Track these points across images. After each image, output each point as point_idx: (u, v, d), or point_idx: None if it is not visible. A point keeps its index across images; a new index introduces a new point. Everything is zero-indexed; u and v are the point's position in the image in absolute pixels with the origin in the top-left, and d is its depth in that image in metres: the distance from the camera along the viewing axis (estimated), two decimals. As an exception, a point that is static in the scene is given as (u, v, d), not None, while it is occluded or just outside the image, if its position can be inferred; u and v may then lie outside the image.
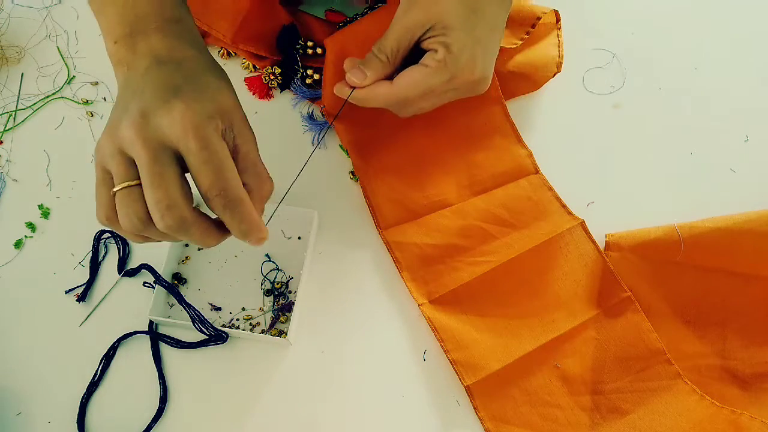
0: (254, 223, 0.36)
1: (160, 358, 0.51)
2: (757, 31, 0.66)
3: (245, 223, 0.35)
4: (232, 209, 0.35)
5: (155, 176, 0.33)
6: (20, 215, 0.57)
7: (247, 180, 0.38)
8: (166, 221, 0.33)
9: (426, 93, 0.43)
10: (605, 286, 0.54)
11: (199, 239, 0.35)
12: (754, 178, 0.59)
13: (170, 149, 0.34)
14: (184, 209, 0.34)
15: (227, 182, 0.34)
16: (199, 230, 0.35)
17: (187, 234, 0.34)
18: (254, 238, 0.37)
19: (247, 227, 0.36)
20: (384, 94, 0.45)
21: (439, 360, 0.51)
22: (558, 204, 0.57)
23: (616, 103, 0.62)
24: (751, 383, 0.51)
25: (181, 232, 0.34)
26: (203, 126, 0.34)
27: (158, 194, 0.33)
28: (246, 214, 0.35)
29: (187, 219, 0.34)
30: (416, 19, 0.43)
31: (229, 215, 0.35)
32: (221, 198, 0.34)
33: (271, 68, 0.61)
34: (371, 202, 0.57)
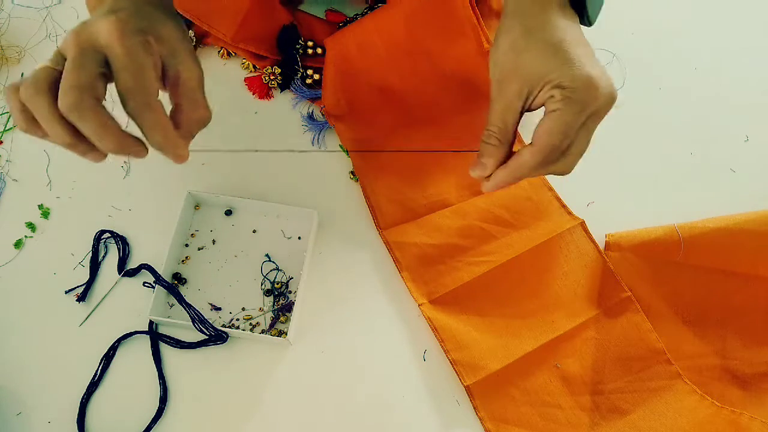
0: (167, 132, 0.37)
1: (160, 358, 0.51)
2: (757, 32, 0.66)
3: (158, 131, 0.37)
4: (142, 113, 0.36)
5: (74, 64, 0.35)
6: (20, 215, 0.57)
7: (181, 102, 0.40)
8: (66, 99, 0.34)
9: (568, 133, 0.42)
10: (605, 286, 0.54)
11: (96, 129, 0.35)
12: (754, 178, 0.59)
13: (98, 51, 0.36)
14: (86, 93, 0.35)
15: (141, 87, 0.36)
16: (96, 119, 0.35)
17: (83, 118, 0.35)
18: (170, 152, 0.38)
19: (161, 137, 0.37)
20: (529, 157, 0.42)
21: (439, 360, 0.51)
22: (558, 204, 0.57)
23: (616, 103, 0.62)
24: (751, 383, 0.51)
25: (76, 113, 0.35)
26: (130, 36, 0.36)
27: (70, 77, 0.35)
28: (157, 122, 0.37)
29: (85, 101, 0.35)
30: (512, 91, 0.42)
31: (141, 118, 0.36)
32: (133, 100, 0.36)
33: (271, 68, 0.61)
34: (371, 202, 0.57)
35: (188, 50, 0.41)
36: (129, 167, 0.59)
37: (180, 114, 0.40)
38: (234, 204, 0.56)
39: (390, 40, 0.57)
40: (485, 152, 0.44)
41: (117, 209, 0.57)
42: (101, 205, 0.57)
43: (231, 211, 0.57)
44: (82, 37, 0.37)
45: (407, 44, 0.57)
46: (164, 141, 0.37)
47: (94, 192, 0.58)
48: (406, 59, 0.58)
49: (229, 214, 0.57)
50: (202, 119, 0.41)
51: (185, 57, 0.40)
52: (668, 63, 0.64)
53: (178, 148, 0.39)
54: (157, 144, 0.37)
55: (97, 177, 0.58)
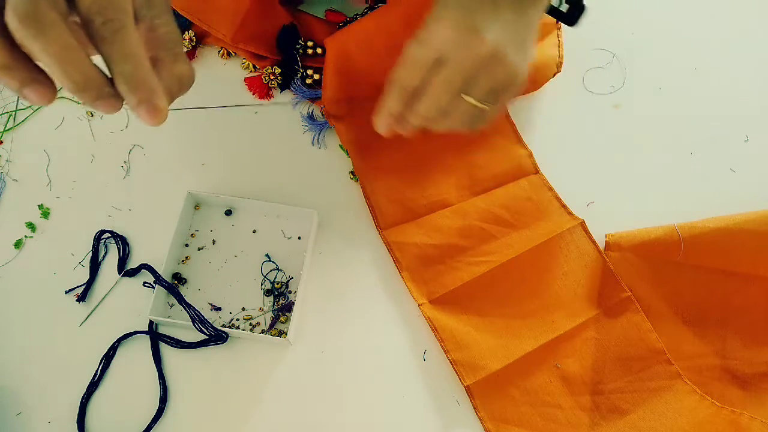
0: (142, 66, 0.29)
1: (160, 358, 0.51)
2: (757, 32, 0.66)
3: (130, 61, 0.29)
4: (112, 33, 0.28)
5: None
6: (20, 215, 0.57)
7: (160, 54, 0.32)
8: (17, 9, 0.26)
9: (413, 66, 0.43)
10: (605, 286, 0.54)
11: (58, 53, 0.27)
12: (754, 178, 0.59)
13: None
14: (44, 4, 0.27)
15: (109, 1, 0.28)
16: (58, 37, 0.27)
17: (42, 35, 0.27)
18: (142, 96, 0.30)
19: (132, 69, 0.29)
20: (390, 90, 0.45)
21: (439, 360, 0.51)
22: (558, 204, 0.57)
23: (616, 103, 0.62)
24: (751, 383, 0.51)
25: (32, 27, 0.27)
26: None
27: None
28: (130, 47, 0.29)
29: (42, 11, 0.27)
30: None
31: (108, 44, 0.28)
32: (100, 17, 0.28)
33: (271, 68, 0.61)
34: (371, 202, 0.57)
35: (168, 4, 0.34)
36: (129, 167, 0.59)
37: (158, 64, 0.32)
38: (234, 204, 0.56)
39: (390, 40, 0.57)
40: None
41: (117, 209, 0.57)
42: (101, 205, 0.57)
43: (231, 211, 0.57)
44: None
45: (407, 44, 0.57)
46: (138, 76, 0.29)
47: (94, 192, 0.58)
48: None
49: (229, 214, 0.57)
50: (184, 76, 0.34)
51: (164, 9, 0.33)
52: (668, 63, 0.64)
53: (155, 94, 0.30)
54: (129, 80, 0.29)
55: (97, 177, 0.58)
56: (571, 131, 0.61)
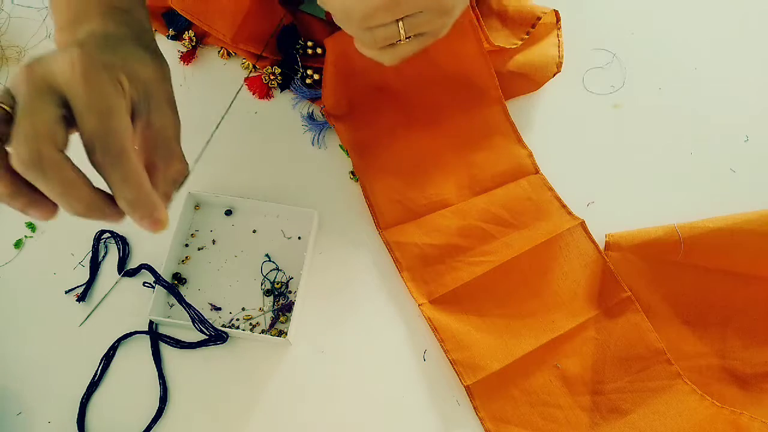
0: (142, 188, 0.31)
1: (160, 358, 0.51)
2: (757, 32, 0.66)
3: (130, 186, 0.30)
4: (112, 162, 0.30)
5: (28, 108, 0.30)
6: (20, 215, 0.56)
7: (154, 158, 0.34)
8: (21, 154, 0.29)
9: None
10: (605, 286, 0.54)
11: (60, 190, 0.30)
12: (754, 178, 0.59)
13: (56, 91, 0.30)
14: (46, 145, 0.29)
15: (111, 131, 0.30)
16: (59, 176, 0.29)
17: (44, 176, 0.29)
18: (145, 213, 0.31)
19: (134, 193, 0.31)
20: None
21: (439, 360, 0.51)
22: (558, 204, 0.57)
23: (616, 103, 0.62)
24: (751, 383, 0.50)
25: (35, 171, 0.29)
26: (96, 71, 0.31)
27: (23, 124, 0.29)
28: (130, 173, 0.30)
29: (45, 156, 0.29)
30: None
31: (110, 170, 0.30)
32: (101, 148, 0.30)
33: (271, 68, 0.61)
34: (371, 202, 0.57)
35: (166, 95, 0.36)
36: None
37: (153, 171, 0.33)
38: (234, 204, 0.56)
39: (390, 40, 0.57)
40: None
41: (117, 209, 0.57)
42: (101, 205, 0.57)
43: (231, 211, 0.57)
44: (36, 74, 0.30)
45: None
46: (139, 199, 0.31)
47: (94, 192, 0.58)
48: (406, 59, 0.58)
49: (229, 214, 0.57)
50: (179, 175, 0.35)
51: (160, 102, 0.35)
52: (668, 63, 0.64)
53: (156, 209, 0.32)
54: (130, 203, 0.31)
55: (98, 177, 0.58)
56: (571, 131, 0.61)
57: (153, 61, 0.36)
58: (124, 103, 0.32)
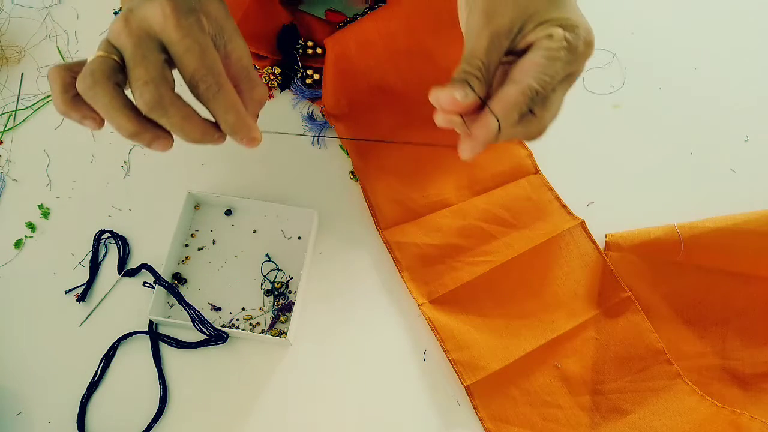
0: (240, 113, 0.36)
1: (160, 358, 0.51)
2: (757, 32, 0.66)
3: (231, 112, 0.36)
4: (215, 94, 0.35)
5: (137, 57, 0.34)
6: (20, 215, 0.57)
7: (238, 84, 0.38)
8: (145, 97, 0.33)
9: (554, 78, 0.37)
10: (605, 286, 0.54)
11: (179, 123, 0.35)
12: (754, 178, 0.59)
13: (154, 38, 0.35)
14: (163, 87, 0.34)
15: (209, 68, 0.35)
16: (178, 112, 0.34)
17: (166, 114, 0.34)
18: (243, 134, 0.37)
19: (234, 117, 0.36)
20: (516, 96, 0.36)
21: (439, 360, 0.51)
22: (558, 204, 0.57)
23: (616, 103, 0.62)
24: (751, 383, 0.51)
25: (159, 110, 0.34)
26: (184, 16, 0.35)
27: (138, 71, 0.34)
28: (230, 101, 0.36)
29: (164, 96, 0.34)
30: (504, 24, 0.37)
31: (213, 101, 0.35)
32: (204, 83, 0.35)
33: (271, 68, 0.61)
34: (371, 202, 0.57)
35: (234, 27, 0.39)
36: (129, 167, 0.59)
37: (241, 96, 0.38)
38: (234, 204, 0.56)
39: (390, 40, 0.57)
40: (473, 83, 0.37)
41: (117, 209, 0.57)
42: (101, 205, 0.57)
43: (231, 211, 0.57)
44: (133, 25, 0.34)
45: (407, 44, 0.57)
46: (239, 122, 0.36)
47: (94, 192, 0.58)
48: (406, 59, 0.58)
49: (229, 214, 0.57)
50: (262, 97, 0.40)
51: (233, 34, 0.39)
52: (668, 63, 0.64)
53: (252, 129, 0.37)
54: (232, 126, 0.36)
55: (97, 177, 0.58)
56: (571, 131, 0.61)
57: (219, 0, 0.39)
58: (209, 39, 0.36)
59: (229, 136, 0.37)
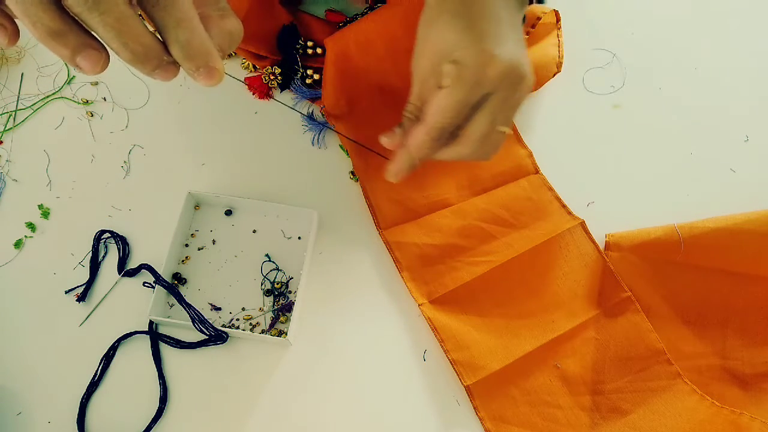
0: (197, 32, 0.28)
1: (160, 358, 0.51)
2: (757, 32, 0.66)
3: (185, 27, 0.27)
4: (164, 1, 0.27)
5: None
6: (20, 215, 0.57)
7: (207, 10, 0.31)
8: None
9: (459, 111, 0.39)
10: (605, 286, 0.54)
11: (117, 25, 0.26)
12: (754, 178, 0.59)
13: None
14: None
15: None
16: (116, 8, 0.26)
17: (99, 8, 0.26)
18: (199, 60, 0.29)
19: (188, 34, 0.28)
20: (421, 136, 0.41)
21: (439, 360, 0.51)
22: (558, 204, 0.57)
23: (616, 103, 0.62)
24: (751, 383, 0.51)
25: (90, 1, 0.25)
26: None
27: None
28: (185, 12, 0.27)
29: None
30: (424, 67, 0.41)
31: (163, 12, 0.27)
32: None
33: (271, 68, 0.61)
34: (371, 202, 0.57)
35: None
36: (129, 167, 0.59)
37: (207, 21, 0.31)
38: (234, 204, 0.56)
39: (390, 40, 0.57)
40: (404, 125, 0.43)
41: (117, 209, 0.57)
42: (101, 205, 0.57)
43: (231, 211, 0.57)
44: None
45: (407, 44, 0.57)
46: (194, 43, 0.28)
47: (94, 192, 0.58)
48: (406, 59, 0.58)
49: (229, 214, 0.57)
50: (234, 31, 0.33)
51: None
52: (668, 63, 0.64)
53: (211, 56, 0.29)
54: (185, 47, 0.28)
55: (97, 177, 0.58)
56: (571, 131, 0.61)
57: None
58: None
59: (181, 62, 0.29)
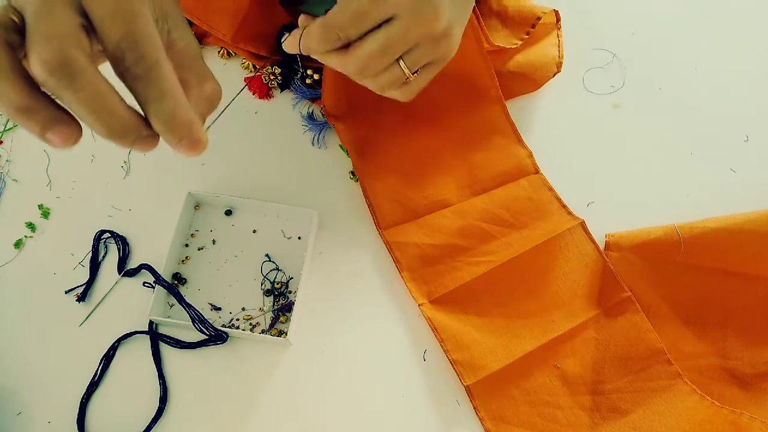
0: (180, 103, 0.27)
1: (160, 358, 0.51)
2: (757, 32, 0.66)
3: (167, 98, 0.27)
4: (146, 71, 0.26)
5: (42, 12, 0.25)
6: (20, 215, 0.57)
7: (186, 76, 0.31)
8: (43, 55, 0.24)
9: (361, 21, 0.37)
10: (605, 286, 0.54)
11: (90, 101, 0.25)
12: (754, 178, 0.59)
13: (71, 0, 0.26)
14: (72, 47, 0.25)
15: (141, 37, 0.26)
16: (90, 84, 0.25)
17: (73, 83, 0.25)
18: (183, 133, 0.28)
19: (171, 107, 0.27)
20: (316, 24, 0.39)
21: (439, 360, 0.51)
22: (558, 204, 0.57)
23: (616, 103, 0.62)
24: (751, 383, 0.51)
25: (62, 76, 0.25)
26: None
27: (40, 26, 0.25)
28: (167, 84, 0.27)
29: (72, 60, 0.25)
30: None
31: (143, 82, 0.26)
32: (132, 53, 0.26)
33: (271, 68, 0.61)
34: (371, 202, 0.57)
35: (182, 16, 0.32)
36: (129, 167, 0.59)
37: (187, 89, 0.30)
38: (234, 204, 0.56)
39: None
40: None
41: (117, 209, 0.57)
42: (101, 205, 0.57)
43: (231, 211, 0.57)
44: None
45: None
46: (178, 115, 0.27)
47: (94, 192, 0.58)
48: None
49: (229, 214, 0.57)
50: (213, 95, 0.32)
51: (179, 22, 0.32)
52: (668, 63, 0.64)
53: (194, 128, 0.28)
54: (167, 120, 0.27)
55: (97, 177, 0.58)
56: (571, 131, 0.61)
57: None
58: (149, 11, 0.28)
59: (162, 135, 0.28)
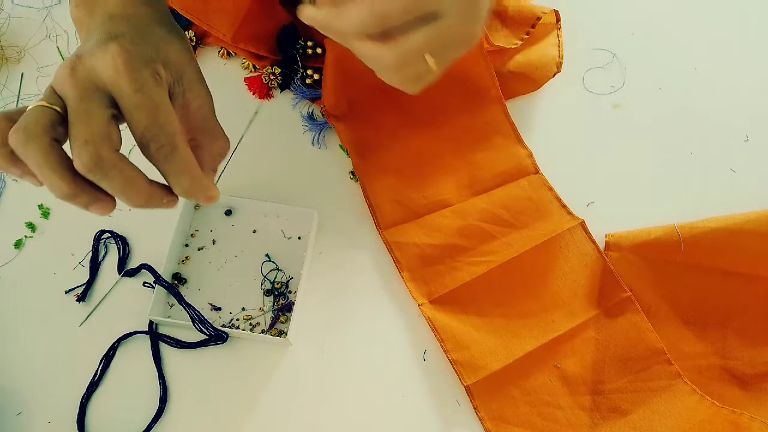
0: (195, 176, 0.33)
1: (160, 358, 0.51)
2: (757, 31, 0.66)
3: (185, 176, 0.33)
4: (167, 155, 0.32)
5: (79, 112, 0.31)
6: (20, 215, 0.57)
7: (197, 136, 0.37)
8: (82, 158, 0.30)
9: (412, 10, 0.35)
10: (605, 286, 0.54)
11: (121, 187, 0.32)
12: (754, 178, 0.59)
13: (102, 91, 0.32)
14: (104, 147, 0.31)
15: (162, 126, 0.32)
16: (120, 175, 0.31)
17: (106, 177, 0.31)
18: (199, 195, 0.34)
19: (188, 181, 0.33)
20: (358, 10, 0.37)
21: (439, 360, 0.51)
22: (558, 204, 0.57)
23: (616, 103, 0.62)
24: (751, 383, 0.51)
25: (97, 172, 0.31)
26: (138, 68, 0.32)
27: (79, 129, 0.31)
28: (184, 164, 0.33)
29: (104, 158, 0.30)
30: None
31: (165, 163, 0.32)
32: (155, 143, 0.32)
33: (271, 68, 0.61)
34: (371, 202, 0.57)
35: (196, 73, 0.37)
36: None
37: (199, 150, 0.36)
38: (234, 204, 0.56)
39: (390, 40, 0.57)
40: None
41: (117, 209, 0.57)
42: (101, 205, 0.57)
43: (231, 211, 0.57)
44: (80, 75, 0.32)
45: None
46: (193, 185, 0.33)
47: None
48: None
49: (229, 214, 0.57)
50: (222, 150, 0.38)
51: (194, 82, 0.36)
52: (668, 63, 0.64)
53: (208, 189, 0.34)
54: (186, 190, 0.33)
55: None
56: (571, 131, 0.61)
57: (179, 40, 0.36)
58: (165, 93, 0.33)
59: (184, 197, 0.35)
